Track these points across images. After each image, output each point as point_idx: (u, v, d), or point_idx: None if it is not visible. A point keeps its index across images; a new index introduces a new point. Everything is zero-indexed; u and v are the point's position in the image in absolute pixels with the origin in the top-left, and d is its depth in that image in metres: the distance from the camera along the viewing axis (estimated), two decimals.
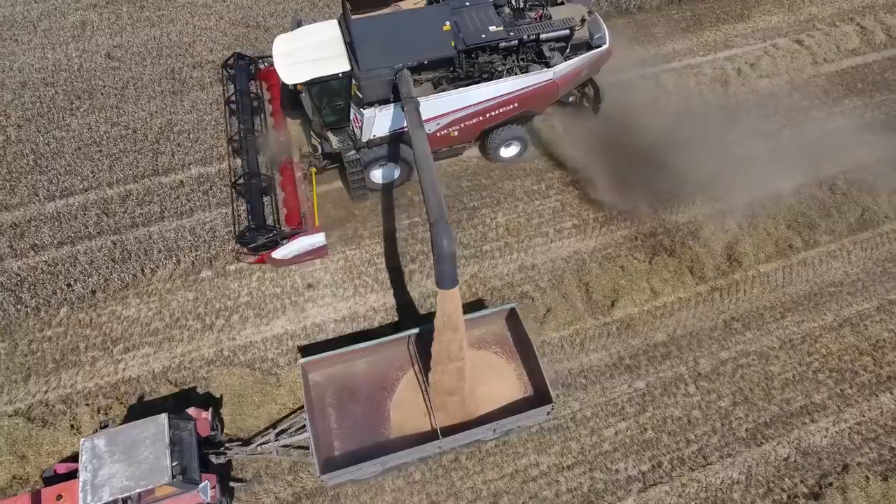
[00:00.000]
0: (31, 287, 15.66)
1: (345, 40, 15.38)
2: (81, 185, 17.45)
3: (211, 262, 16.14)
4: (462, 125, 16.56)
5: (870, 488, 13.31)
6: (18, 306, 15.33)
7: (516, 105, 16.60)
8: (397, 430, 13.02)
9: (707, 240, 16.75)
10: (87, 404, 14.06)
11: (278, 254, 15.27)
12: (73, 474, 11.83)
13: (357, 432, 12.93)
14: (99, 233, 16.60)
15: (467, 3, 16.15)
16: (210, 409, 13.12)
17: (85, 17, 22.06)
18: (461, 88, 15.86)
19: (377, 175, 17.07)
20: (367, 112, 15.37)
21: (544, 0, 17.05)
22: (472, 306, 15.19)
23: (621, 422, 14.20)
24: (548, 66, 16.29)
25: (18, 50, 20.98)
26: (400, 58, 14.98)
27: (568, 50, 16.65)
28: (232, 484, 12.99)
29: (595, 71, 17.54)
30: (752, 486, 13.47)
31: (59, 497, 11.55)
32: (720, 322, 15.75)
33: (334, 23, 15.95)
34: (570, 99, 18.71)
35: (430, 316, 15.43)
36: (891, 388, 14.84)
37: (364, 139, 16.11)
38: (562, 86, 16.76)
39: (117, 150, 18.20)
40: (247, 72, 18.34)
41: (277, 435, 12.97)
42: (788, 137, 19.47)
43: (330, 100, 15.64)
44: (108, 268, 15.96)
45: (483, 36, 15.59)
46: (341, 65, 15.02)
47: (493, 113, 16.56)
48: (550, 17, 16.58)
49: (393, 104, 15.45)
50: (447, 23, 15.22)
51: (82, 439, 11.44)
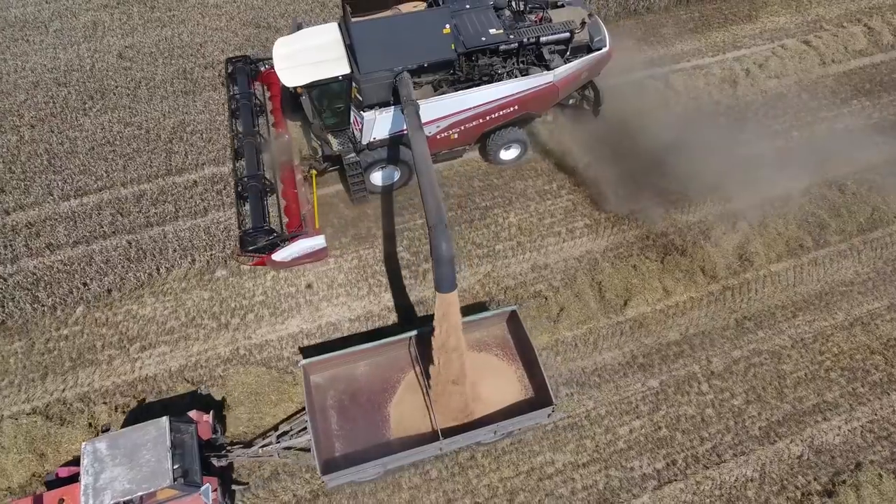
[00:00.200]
0: (48, 286, 15.74)
1: (345, 43, 15.36)
2: (96, 185, 17.55)
3: (226, 261, 16.25)
4: (462, 128, 16.56)
5: (883, 486, 13.38)
6: (35, 305, 15.42)
7: (516, 108, 16.60)
8: (398, 431, 13.02)
9: (718, 239, 16.84)
10: (105, 402, 14.16)
11: (278, 256, 15.25)
12: (74, 478, 11.83)
13: (358, 433, 12.93)
14: (114, 232, 16.69)
15: (467, 6, 16.17)
16: (211, 412, 13.10)
17: (96, 18, 22.17)
18: (461, 91, 15.85)
19: (377, 177, 17.06)
20: (367, 115, 15.37)
21: (544, 3, 17.06)
22: (473, 308, 15.26)
23: (635, 420, 14.29)
24: (548, 68, 16.30)
25: (30, 50, 21.08)
26: (400, 61, 14.98)
27: (568, 53, 16.66)
28: (233, 487, 12.98)
29: (595, 73, 17.55)
30: (767, 483, 13.55)
31: (62, 501, 11.53)
32: (732, 321, 15.84)
33: (334, 25, 15.93)
34: (571, 101, 18.64)
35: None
36: None
37: (364, 142, 16.11)
38: (562, 88, 16.76)
39: (131, 149, 18.31)
40: (248, 74, 18.25)
41: (279, 437, 12.96)
42: (797, 138, 19.61)
43: (330, 102, 15.66)
44: (123, 267, 16.05)
45: (483, 39, 15.61)
46: (341, 67, 15.02)
47: (493, 115, 16.57)
48: (550, 20, 16.60)
49: (393, 107, 15.44)
50: (447, 26, 15.18)
51: (84, 443, 11.47)
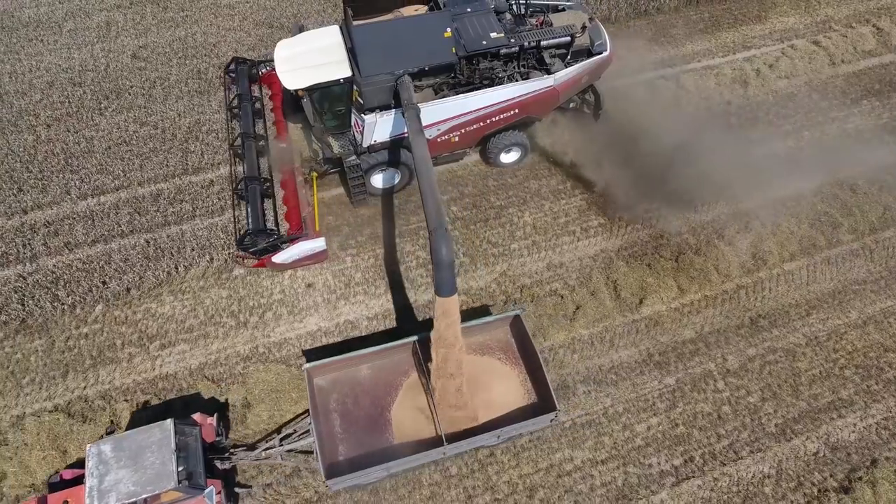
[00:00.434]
0: (67, 284, 15.85)
1: (346, 46, 15.38)
2: (113, 184, 17.66)
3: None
4: (463, 131, 16.61)
5: None
6: (55, 303, 15.52)
7: (517, 111, 16.64)
8: (401, 435, 13.03)
9: (732, 238, 16.97)
10: (126, 400, 14.27)
11: (278, 258, 15.29)
12: (78, 480, 11.87)
13: (361, 437, 12.93)
14: (132, 231, 16.80)
15: (468, 10, 16.22)
16: (216, 415, 13.14)
17: (109, 18, 22.28)
18: (462, 94, 15.88)
19: (378, 180, 17.10)
20: (368, 118, 15.41)
21: (545, 7, 17.11)
22: (476, 312, 15.40)
23: (652, 417, 14.41)
24: (548, 72, 16.33)
25: (45, 50, 21.18)
26: (401, 64, 15.01)
27: (569, 57, 16.71)
28: (237, 489, 13.04)
29: (596, 77, 17.57)
30: (783, 480, 13.67)
31: (66, 503, 11.53)
32: (747, 319, 15.96)
33: (336, 28, 15.96)
34: (571, 105, 18.56)
35: (462, 314, 15.68)
36: None
37: (365, 144, 16.16)
38: (562, 92, 16.79)
39: (147, 149, 18.42)
40: (248, 76, 18.24)
41: (282, 440, 12.99)
42: (808, 137, 19.74)
43: (331, 105, 15.70)
44: (142, 265, 16.17)
45: (484, 42, 15.65)
46: (343, 70, 15.05)
47: (493, 119, 16.61)
48: (551, 24, 16.64)
49: (394, 110, 15.47)
50: (448, 29, 15.20)
51: (88, 445, 11.53)
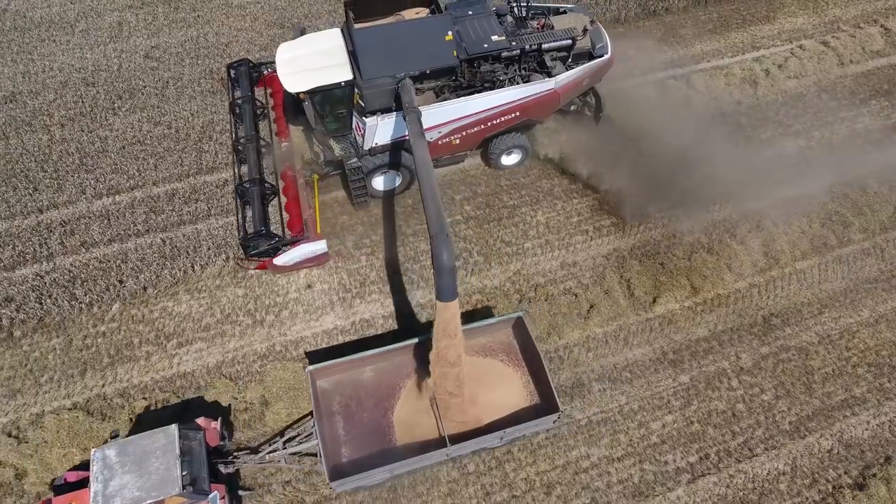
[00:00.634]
0: (84, 283, 15.94)
1: (347, 49, 15.40)
2: (128, 184, 17.75)
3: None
4: (464, 133, 16.64)
5: None
6: (72, 302, 15.61)
7: (518, 114, 16.66)
8: (405, 436, 13.09)
9: (744, 238, 17.07)
10: (145, 398, 14.36)
11: (280, 260, 15.31)
12: (83, 482, 11.87)
13: (365, 439, 13.00)
14: (148, 230, 16.89)
15: (470, 13, 16.24)
16: (219, 420, 13.16)
17: (121, 18, 22.36)
18: (463, 97, 15.89)
19: (379, 182, 17.15)
20: (370, 120, 15.44)
21: (546, 10, 17.16)
22: (480, 314, 15.48)
23: (668, 415, 14.51)
24: (549, 75, 16.35)
25: (57, 50, 21.26)
26: (402, 67, 15.03)
27: (570, 59, 16.75)
28: (240, 493, 13.08)
29: (597, 80, 17.59)
30: (798, 477, 13.78)
31: None
32: (759, 318, 16.06)
33: (337, 31, 15.97)
34: (572, 108, 18.58)
35: (474, 313, 15.80)
36: None
37: (366, 147, 16.19)
38: (563, 95, 16.80)
39: (161, 148, 18.50)
40: (250, 78, 18.13)
41: (285, 443, 13.01)
42: (818, 137, 19.84)
43: (332, 108, 15.72)
44: (158, 264, 16.25)
45: (485, 45, 15.67)
46: (344, 74, 15.07)
47: (494, 122, 16.63)
48: (552, 27, 16.66)
49: (395, 113, 15.48)
50: (449, 32, 15.24)
51: (93, 449, 11.57)
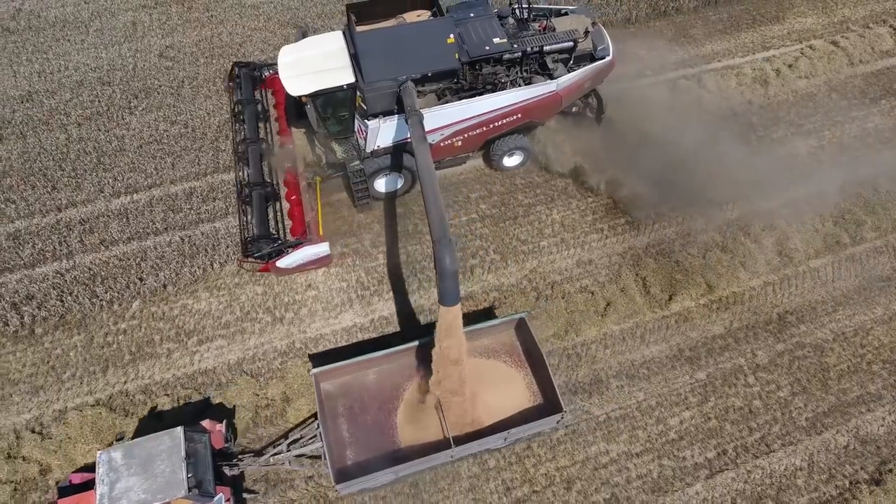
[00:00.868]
0: (104, 281, 16.04)
1: (349, 52, 15.45)
2: (146, 182, 17.85)
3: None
4: (465, 136, 16.69)
5: None
6: (93, 300, 15.71)
7: (519, 116, 16.71)
8: (409, 438, 13.18)
9: (757, 236, 17.21)
10: (167, 394, 14.47)
11: (283, 263, 15.39)
12: (88, 484, 11.89)
13: (369, 441, 13.07)
14: (166, 228, 16.99)
15: (471, 15, 16.30)
16: (224, 422, 13.21)
17: (135, 18, 22.45)
18: (465, 100, 15.94)
19: (381, 184, 17.19)
20: (372, 123, 15.49)
21: (548, 12, 17.24)
22: (482, 315, 15.57)
23: (685, 411, 14.64)
24: (551, 77, 16.41)
25: (72, 50, 21.35)
26: (404, 70, 15.04)
27: (571, 62, 16.81)
28: (245, 495, 13.16)
29: (598, 82, 17.66)
30: (815, 472, 13.92)
31: None
32: (774, 315, 16.20)
33: (339, 34, 16.00)
34: (574, 110, 18.59)
35: (488, 312, 15.93)
36: None
37: (368, 149, 16.26)
38: (565, 97, 16.85)
39: (179, 147, 18.61)
40: (252, 80, 18.24)
41: (290, 445, 13.07)
42: (829, 137, 19.99)
43: (334, 111, 15.78)
44: (177, 262, 16.35)
45: (487, 48, 15.69)
46: (346, 76, 15.10)
47: (496, 124, 16.68)
48: (554, 29, 16.74)
49: (397, 115, 15.54)
50: (451, 35, 15.29)
51: (99, 452, 11.65)
